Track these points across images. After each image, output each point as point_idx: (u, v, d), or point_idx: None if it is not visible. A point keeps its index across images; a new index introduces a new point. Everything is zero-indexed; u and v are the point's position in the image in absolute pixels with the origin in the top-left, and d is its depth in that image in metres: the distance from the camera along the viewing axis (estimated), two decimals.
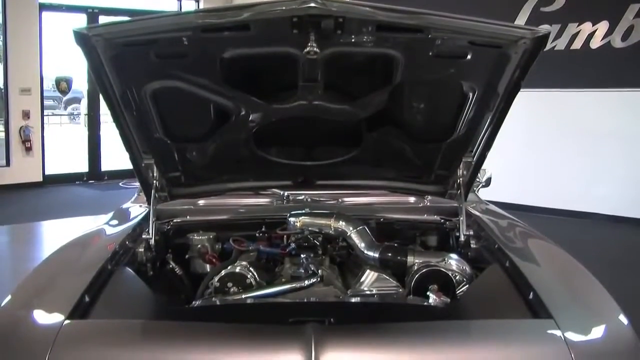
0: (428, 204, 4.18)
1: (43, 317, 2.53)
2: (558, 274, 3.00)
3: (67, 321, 2.45)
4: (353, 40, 2.82)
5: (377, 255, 3.52)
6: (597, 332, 2.49)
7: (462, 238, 3.58)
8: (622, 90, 10.36)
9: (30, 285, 2.88)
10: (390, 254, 3.50)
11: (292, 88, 3.15)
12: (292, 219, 3.82)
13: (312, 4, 2.49)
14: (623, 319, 2.56)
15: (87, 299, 2.66)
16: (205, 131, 3.41)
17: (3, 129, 13.67)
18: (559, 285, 2.82)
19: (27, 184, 13.21)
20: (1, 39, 13.33)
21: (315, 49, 2.71)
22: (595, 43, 10.60)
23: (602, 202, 10.65)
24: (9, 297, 2.71)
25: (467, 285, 3.27)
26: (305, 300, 3.15)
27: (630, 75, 10.30)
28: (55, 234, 9.60)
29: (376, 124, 3.42)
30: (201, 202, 4.16)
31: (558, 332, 2.40)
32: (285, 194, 4.23)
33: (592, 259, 3.46)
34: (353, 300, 3.24)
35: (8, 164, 13.36)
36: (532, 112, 10.52)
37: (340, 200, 4.28)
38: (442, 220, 3.99)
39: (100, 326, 2.56)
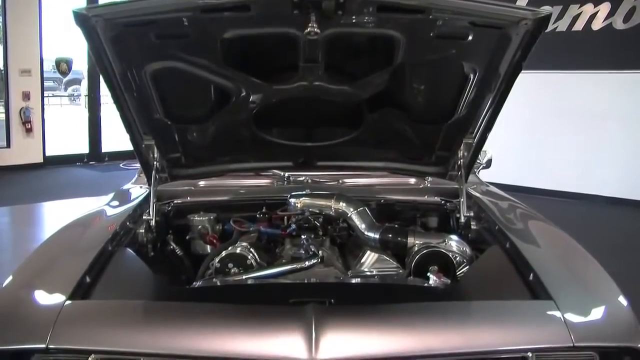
0: (428, 185, 4.18)
1: (44, 298, 2.55)
2: (558, 256, 3.00)
3: (68, 302, 2.47)
4: (354, 20, 2.81)
5: (377, 236, 3.52)
6: (597, 313, 2.50)
7: (462, 219, 3.58)
8: (623, 72, 10.33)
9: (31, 266, 2.89)
10: (390, 235, 3.50)
11: (292, 69, 3.14)
12: (292, 200, 3.82)
13: None
14: (622, 300, 2.57)
15: (88, 279, 2.67)
16: (206, 112, 3.41)
17: (3, 110, 13.65)
18: (559, 267, 2.83)
19: (28, 165, 13.21)
20: (1, 20, 13.27)
21: (315, 29, 2.70)
22: (597, 25, 10.56)
23: (601, 184, 10.65)
24: (10, 277, 2.72)
25: (468, 267, 3.27)
26: (306, 281, 3.15)
27: (631, 57, 10.26)
28: (56, 215, 9.61)
29: (377, 105, 3.42)
30: (202, 183, 4.16)
31: (558, 313, 2.41)
32: (286, 175, 4.23)
33: (591, 241, 3.46)
34: (353, 281, 3.24)
35: (8, 145, 13.36)
36: (533, 93, 10.48)
37: (340, 181, 4.28)
38: (442, 202, 3.99)
39: (101, 306, 2.57)
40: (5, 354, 2.31)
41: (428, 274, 3.13)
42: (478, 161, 4.48)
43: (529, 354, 2.33)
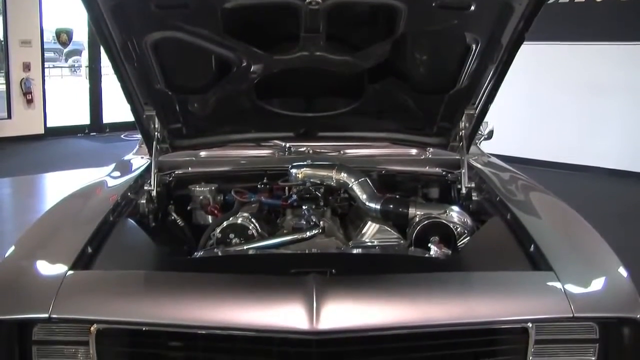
0: (430, 156, 4.17)
1: (46, 268, 2.55)
2: (559, 227, 3.01)
3: (70, 272, 2.48)
4: None
5: (378, 207, 3.51)
6: (597, 284, 2.50)
7: (463, 190, 3.58)
8: (626, 43, 10.27)
9: (33, 237, 2.90)
10: (391, 206, 3.50)
11: (293, 39, 3.12)
12: (293, 171, 3.81)
13: None
14: (623, 271, 2.57)
15: (89, 250, 2.68)
16: (207, 82, 3.39)
17: (4, 81, 13.61)
18: (560, 238, 2.83)
19: (29, 137, 13.20)
20: None
21: None
22: None
23: (602, 156, 10.64)
24: (12, 248, 2.73)
25: (468, 237, 3.27)
26: (307, 251, 3.16)
27: (635, 28, 10.20)
28: (57, 186, 9.61)
29: (378, 75, 3.40)
30: (203, 153, 4.15)
31: (558, 284, 2.42)
32: (287, 145, 4.22)
33: (592, 212, 3.47)
34: (354, 251, 3.25)
35: (9, 116, 13.35)
36: (535, 65, 10.44)
37: (342, 152, 4.27)
38: (443, 173, 3.98)
39: (103, 277, 2.58)
40: (8, 323, 2.33)
41: (429, 244, 3.13)
42: (479, 132, 4.47)
43: (529, 325, 2.34)
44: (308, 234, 3.27)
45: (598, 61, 10.61)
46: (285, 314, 2.22)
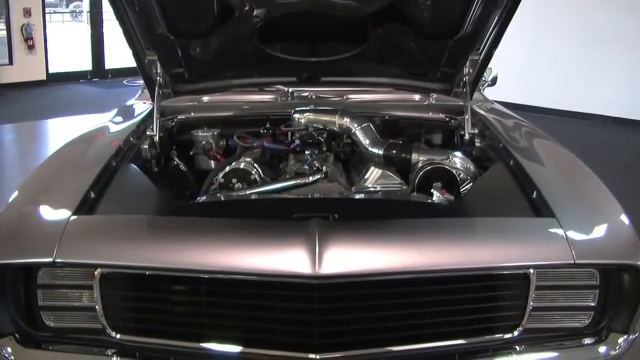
0: (433, 101, 4.15)
1: (50, 213, 2.56)
2: (562, 174, 3.00)
3: (73, 217, 2.48)
4: None
5: (381, 152, 3.51)
6: (598, 231, 2.51)
7: (466, 136, 3.56)
8: None
9: (36, 182, 2.90)
10: (394, 151, 3.49)
11: None
12: (296, 116, 3.80)
13: None
14: (624, 218, 2.58)
15: (92, 195, 2.68)
16: (209, 26, 3.36)
17: (4, 27, 13.50)
18: (562, 185, 2.82)
19: (31, 83, 13.16)
20: None
21: None
22: None
23: (607, 104, 10.59)
24: (16, 193, 2.73)
25: (471, 184, 3.27)
26: (310, 196, 3.16)
27: None
28: (60, 131, 9.62)
29: (382, 19, 3.37)
30: (205, 98, 4.13)
31: (560, 231, 2.42)
32: (290, 90, 4.19)
33: (596, 160, 3.47)
34: (357, 196, 3.25)
35: (11, 62, 13.28)
36: (540, 12, 10.34)
37: (345, 97, 4.25)
38: (447, 119, 3.96)
39: (106, 221, 2.58)
40: (14, 267, 2.35)
41: (431, 190, 3.14)
42: (483, 79, 4.45)
43: (531, 271, 2.35)
44: (311, 178, 3.27)
45: (604, 9, 10.50)
46: (287, 259, 2.23)
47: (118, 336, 2.40)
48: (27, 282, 2.38)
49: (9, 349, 2.37)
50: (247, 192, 3.22)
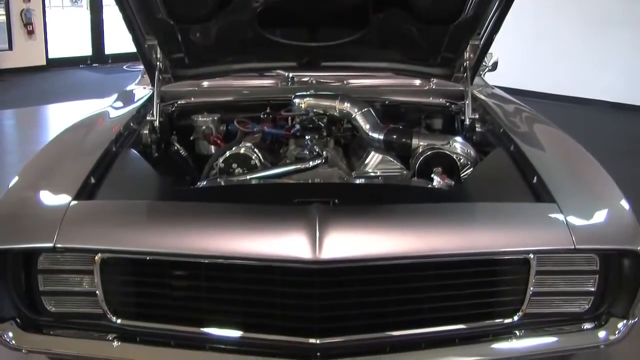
0: (434, 86, 4.14)
1: (50, 198, 2.56)
2: (562, 159, 2.99)
3: (73, 202, 2.48)
4: None
5: (381, 137, 3.51)
6: (599, 216, 2.51)
7: (467, 121, 3.56)
8: None
9: (36, 168, 2.89)
10: (395, 136, 3.49)
11: None
12: (296, 101, 3.80)
13: None
14: (624, 203, 2.58)
15: (92, 180, 2.68)
16: (209, 11, 3.35)
17: (4, 12, 13.45)
18: (563, 170, 2.82)
19: (31, 68, 13.11)
20: None
21: None
22: None
23: (607, 89, 10.55)
24: (16, 178, 2.72)
25: (472, 169, 3.27)
26: (310, 181, 3.16)
27: None
28: (60, 117, 9.59)
29: (383, 4, 3.36)
30: (205, 83, 4.12)
31: (560, 216, 2.42)
32: (290, 75, 4.18)
33: (596, 146, 3.46)
34: (357, 181, 3.25)
35: (10, 47, 13.22)
36: None
37: (345, 82, 4.24)
38: (447, 104, 3.96)
39: (106, 206, 2.58)
40: (14, 253, 2.35)
41: (432, 175, 3.14)
42: (484, 64, 4.44)
43: (531, 256, 2.36)
44: (311, 163, 3.28)
45: None
46: (287, 244, 2.23)
47: (119, 321, 2.41)
48: (27, 267, 2.39)
49: (10, 334, 2.38)
50: (248, 177, 3.23)
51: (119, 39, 11.52)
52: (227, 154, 3.37)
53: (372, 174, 3.35)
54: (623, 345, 2.54)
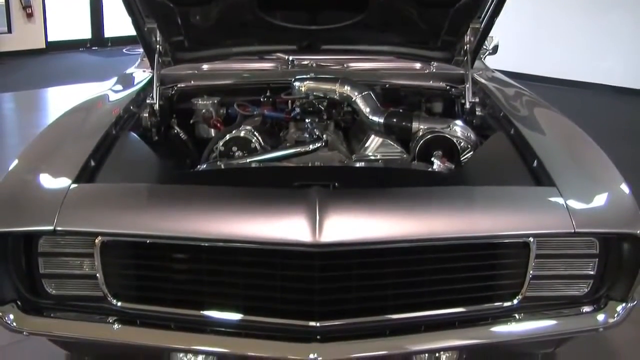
0: (434, 70, 4.13)
1: (50, 181, 2.55)
2: (562, 143, 2.99)
3: (73, 185, 2.47)
4: None
5: (382, 120, 3.51)
6: (599, 200, 2.50)
7: (467, 105, 3.55)
8: None
9: (36, 151, 2.89)
10: (395, 120, 3.49)
11: None
12: (297, 84, 3.79)
13: None
14: (625, 187, 2.57)
15: (92, 163, 2.67)
16: None
17: None
18: (563, 154, 2.82)
19: (30, 51, 13.08)
20: None
21: None
22: None
23: (607, 73, 10.53)
24: (16, 162, 2.72)
25: (472, 152, 3.27)
26: (310, 164, 3.16)
27: None
28: (60, 100, 9.59)
29: None
30: (205, 66, 4.11)
31: (560, 200, 2.42)
32: (290, 58, 4.17)
33: (596, 129, 3.46)
34: (357, 165, 3.25)
35: (10, 30, 13.18)
36: None
37: (345, 65, 4.22)
38: (447, 87, 3.95)
39: (106, 190, 2.58)
40: (14, 235, 2.35)
41: (432, 158, 3.14)
42: (484, 47, 4.42)
43: (530, 239, 2.36)
44: (311, 147, 3.28)
45: None
46: (288, 227, 2.23)
47: (119, 304, 2.41)
48: (28, 250, 2.39)
49: (11, 316, 2.38)
50: (248, 160, 3.23)
51: (118, 22, 11.52)
52: (227, 137, 3.37)
53: (372, 158, 3.35)
54: (622, 328, 2.55)
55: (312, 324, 2.31)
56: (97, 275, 2.37)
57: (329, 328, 2.32)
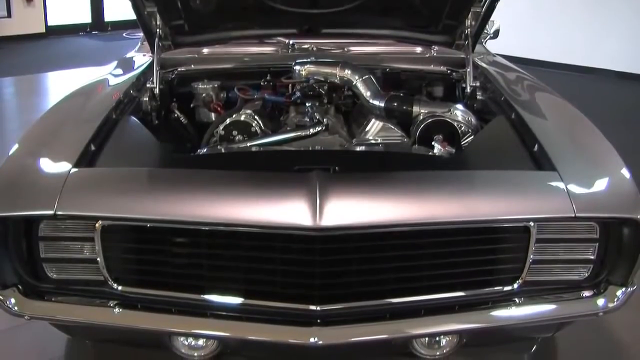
0: (435, 54, 4.11)
1: (50, 166, 2.55)
2: (563, 127, 2.99)
3: (74, 169, 2.48)
4: None
5: (382, 104, 3.50)
6: (599, 184, 2.51)
7: (468, 89, 3.55)
8: None
9: (36, 135, 2.88)
10: (395, 104, 3.48)
11: None
12: (297, 68, 3.78)
13: None
14: (625, 172, 2.57)
15: (92, 147, 2.67)
16: None
17: None
18: (564, 138, 2.82)
19: (30, 35, 13.03)
20: None
21: None
22: None
23: (610, 58, 10.49)
24: (16, 146, 2.72)
25: (472, 136, 3.27)
26: (310, 148, 3.16)
27: None
28: (60, 84, 9.56)
29: None
30: (205, 50, 4.09)
31: (561, 184, 2.42)
32: (291, 42, 4.16)
33: (598, 114, 3.45)
34: (358, 149, 3.24)
35: (9, 14, 13.12)
36: None
37: (346, 49, 4.21)
38: (448, 71, 3.94)
39: (107, 174, 2.58)
40: (15, 220, 2.35)
41: (433, 142, 3.14)
42: (485, 31, 4.41)
43: (531, 224, 2.36)
44: (311, 130, 3.27)
45: None
46: (288, 211, 2.24)
47: (120, 288, 2.42)
48: (28, 234, 2.40)
49: (13, 300, 2.39)
50: (248, 144, 3.22)
51: (118, 6, 11.47)
52: (228, 121, 3.37)
53: (373, 142, 3.35)
54: (621, 313, 2.55)
55: (313, 307, 2.32)
56: (98, 259, 2.38)
57: (329, 312, 2.33)
